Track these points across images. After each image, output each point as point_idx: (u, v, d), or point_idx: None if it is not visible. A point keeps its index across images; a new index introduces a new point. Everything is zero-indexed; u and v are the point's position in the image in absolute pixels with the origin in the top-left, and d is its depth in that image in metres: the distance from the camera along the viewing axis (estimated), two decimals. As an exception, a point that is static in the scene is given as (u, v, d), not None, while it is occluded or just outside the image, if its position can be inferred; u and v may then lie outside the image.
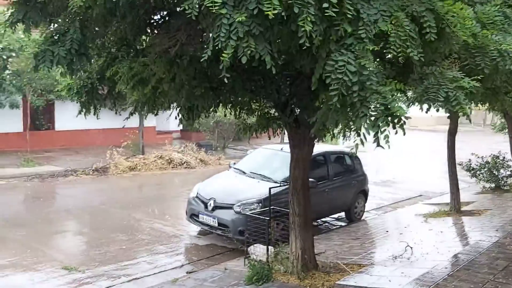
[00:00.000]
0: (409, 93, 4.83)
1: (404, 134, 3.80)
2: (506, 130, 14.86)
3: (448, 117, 10.51)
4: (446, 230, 8.93)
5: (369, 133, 3.96)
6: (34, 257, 7.72)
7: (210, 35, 3.67)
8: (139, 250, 8.32)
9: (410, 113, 3.99)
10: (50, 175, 14.73)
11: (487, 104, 9.77)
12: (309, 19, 3.37)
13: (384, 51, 3.89)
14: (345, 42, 3.73)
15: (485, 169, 12.98)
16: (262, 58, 3.51)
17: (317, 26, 3.52)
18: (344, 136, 7.34)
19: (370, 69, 3.65)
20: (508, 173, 13.07)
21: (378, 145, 3.73)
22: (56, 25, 4.45)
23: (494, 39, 4.43)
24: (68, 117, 20.03)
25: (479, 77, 4.28)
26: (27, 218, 10.12)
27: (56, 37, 4.24)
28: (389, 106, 3.63)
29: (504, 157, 12.97)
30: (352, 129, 4.46)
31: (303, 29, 3.38)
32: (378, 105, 3.63)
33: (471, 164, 13.02)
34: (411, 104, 4.82)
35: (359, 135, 3.96)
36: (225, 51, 3.40)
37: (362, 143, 3.94)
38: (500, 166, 12.92)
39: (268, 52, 3.53)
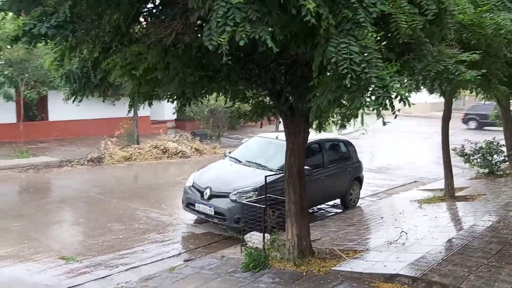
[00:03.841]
0: (405, 80, 4.89)
1: (410, 106, 3.86)
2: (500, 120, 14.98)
3: (443, 95, 10.48)
4: (441, 216, 9.02)
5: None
6: (31, 248, 7.74)
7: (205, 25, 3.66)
8: (136, 239, 8.35)
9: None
10: (44, 165, 14.71)
11: (481, 93, 9.80)
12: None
13: (391, 28, 3.90)
14: (344, 28, 3.74)
15: (478, 155, 13.07)
16: (262, 39, 3.48)
17: (323, 7, 3.52)
18: (341, 125, 7.40)
19: (372, 48, 3.68)
20: (502, 158, 13.17)
21: (384, 123, 3.79)
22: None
23: (489, 16, 4.51)
24: (61, 107, 19.92)
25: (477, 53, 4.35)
26: (23, 209, 10.13)
27: (40, 17, 4.17)
28: (388, 87, 3.68)
29: (498, 143, 13.06)
30: (349, 110, 4.49)
31: (306, 7, 3.37)
32: (376, 88, 3.67)
33: (464, 149, 13.11)
34: (410, 90, 4.90)
35: (356, 116, 4.02)
36: (221, 37, 3.37)
37: (362, 123, 4.00)
38: (494, 151, 13.01)
39: (267, 34, 3.51)
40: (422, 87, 5.12)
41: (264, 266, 6.29)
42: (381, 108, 3.74)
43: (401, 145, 22.49)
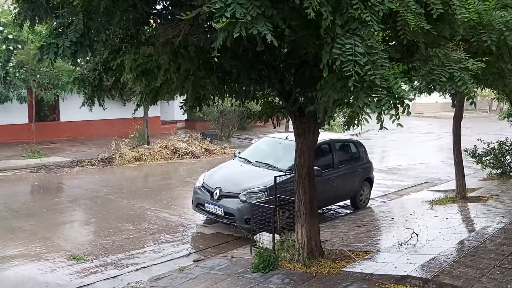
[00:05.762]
0: (415, 82, 4.84)
1: (409, 114, 3.81)
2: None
3: (453, 105, 10.45)
4: (452, 217, 8.94)
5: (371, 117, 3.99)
6: (42, 247, 7.81)
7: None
8: (146, 239, 8.39)
9: (415, 99, 4.00)
10: (56, 166, 14.83)
11: (494, 91, 9.70)
12: None
13: (397, 28, 3.86)
14: (350, 27, 3.71)
15: (491, 155, 12.94)
16: (262, 34, 3.42)
17: (325, 6, 3.48)
18: (347, 126, 7.34)
19: (378, 48, 3.64)
20: (514, 159, 13.03)
21: (381, 127, 3.74)
22: (60, 19, 4.45)
23: (499, 15, 4.42)
24: (73, 108, 20.12)
25: (485, 58, 4.27)
26: (34, 209, 10.22)
27: (60, 30, 4.24)
28: (392, 89, 3.64)
29: (510, 143, 12.92)
30: (354, 109, 4.46)
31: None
32: (380, 89, 3.62)
33: (476, 150, 12.99)
34: (416, 93, 4.84)
35: (361, 114, 3.96)
36: (218, 25, 3.30)
37: (359, 122, 3.96)
38: (507, 152, 12.87)
39: (269, 29, 3.44)
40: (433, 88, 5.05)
41: (274, 267, 6.29)
42: (382, 111, 3.68)
43: (411, 145, 22.35)
